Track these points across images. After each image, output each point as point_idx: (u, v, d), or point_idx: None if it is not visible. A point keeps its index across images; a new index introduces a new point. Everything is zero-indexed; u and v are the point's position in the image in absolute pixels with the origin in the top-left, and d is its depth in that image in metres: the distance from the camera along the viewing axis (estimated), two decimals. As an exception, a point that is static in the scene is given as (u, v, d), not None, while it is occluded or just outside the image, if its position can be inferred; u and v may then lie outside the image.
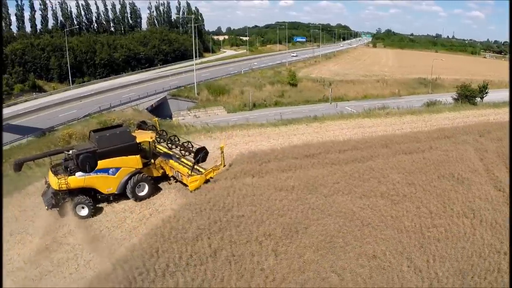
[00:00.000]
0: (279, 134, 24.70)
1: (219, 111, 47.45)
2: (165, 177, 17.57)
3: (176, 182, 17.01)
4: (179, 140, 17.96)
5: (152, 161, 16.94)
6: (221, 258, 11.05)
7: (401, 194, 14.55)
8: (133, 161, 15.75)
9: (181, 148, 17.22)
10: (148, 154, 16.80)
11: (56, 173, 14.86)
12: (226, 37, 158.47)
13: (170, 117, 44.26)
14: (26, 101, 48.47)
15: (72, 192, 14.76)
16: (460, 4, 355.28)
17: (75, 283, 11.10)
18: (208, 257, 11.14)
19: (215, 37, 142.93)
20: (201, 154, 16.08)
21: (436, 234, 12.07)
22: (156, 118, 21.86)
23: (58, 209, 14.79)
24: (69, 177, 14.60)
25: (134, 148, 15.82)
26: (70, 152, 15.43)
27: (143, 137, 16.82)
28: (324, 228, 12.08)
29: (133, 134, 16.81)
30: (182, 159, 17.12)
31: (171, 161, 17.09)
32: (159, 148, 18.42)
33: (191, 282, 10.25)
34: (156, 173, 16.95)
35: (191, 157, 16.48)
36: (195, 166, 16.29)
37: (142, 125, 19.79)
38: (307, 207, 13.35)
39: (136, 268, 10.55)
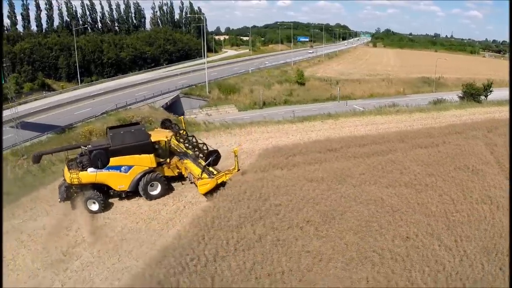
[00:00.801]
0: (297, 131, 25.56)
1: (231, 110, 48.28)
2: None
3: (191, 183, 16.69)
4: (196, 141, 17.82)
5: (168, 160, 16.61)
6: (268, 242, 11.61)
7: (423, 184, 15.50)
8: (146, 160, 15.50)
9: (196, 150, 17.27)
10: (163, 153, 16.43)
11: (70, 168, 14.95)
12: (226, 37, 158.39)
13: (183, 115, 45.03)
14: (36, 99, 49.01)
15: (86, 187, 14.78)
16: (458, 4, 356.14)
17: (119, 272, 11.35)
18: (254, 242, 11.65)
19: (216, 37, 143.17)
20: (212, 158, 15.87)
21: (460, 218, 13.03)
22: (182, 117, 22.44)
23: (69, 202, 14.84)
24: (81, 172, 14.71)
25: (147, 147, 15.57)
26: (86, 147, 15.45)
27: (159, 136, 16.52)
28: (359, 214, 13.01)
29: (150, 132, 16.61)
30: (199, 161, 16.78)
31: (186, 161, 16.82)
32: (180, 148, 18.21)
33: (243, 265, 10.73)
34: (169, 173, 16.60)
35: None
36: (210, 168, 16.12)
37: (166, 123, 20.06)
38: (339, 195, 14.26)
39: (186, 255, 10.98)
